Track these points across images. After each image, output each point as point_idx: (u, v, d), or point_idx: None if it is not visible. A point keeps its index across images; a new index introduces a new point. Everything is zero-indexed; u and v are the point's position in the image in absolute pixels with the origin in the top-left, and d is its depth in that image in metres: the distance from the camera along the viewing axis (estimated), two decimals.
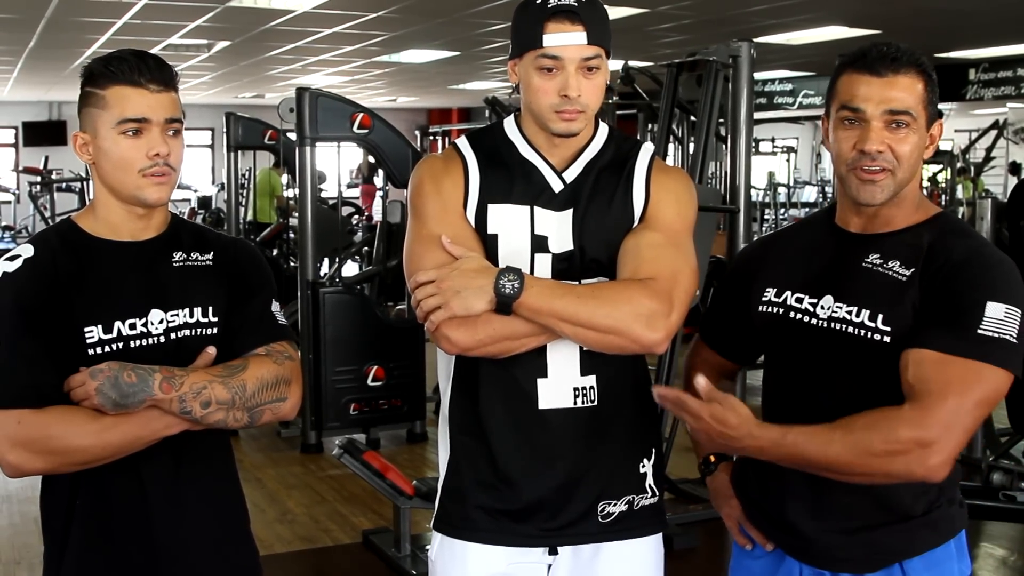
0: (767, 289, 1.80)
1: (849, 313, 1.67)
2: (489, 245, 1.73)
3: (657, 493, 1.83)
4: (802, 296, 1.74)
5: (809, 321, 1.72)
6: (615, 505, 1.77)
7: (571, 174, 1.77)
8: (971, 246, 1.64)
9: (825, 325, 1.70)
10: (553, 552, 1.78)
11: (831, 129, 1.70)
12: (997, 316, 1.56)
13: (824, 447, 1.56)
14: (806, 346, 1.73)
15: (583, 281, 1.72)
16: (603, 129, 1.82)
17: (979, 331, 1.55)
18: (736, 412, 1.58)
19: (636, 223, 1.75)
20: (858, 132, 1.65)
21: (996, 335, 1.55)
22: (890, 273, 1.66)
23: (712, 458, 1.93)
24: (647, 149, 1.82)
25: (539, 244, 1.73)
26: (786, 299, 1.76)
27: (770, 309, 1.78)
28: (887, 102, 1.63)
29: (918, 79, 1.64)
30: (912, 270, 1.64)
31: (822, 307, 1.71)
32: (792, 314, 1.75)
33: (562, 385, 1.73)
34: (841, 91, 1.68)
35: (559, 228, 1.74)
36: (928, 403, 1.53)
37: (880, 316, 1.63)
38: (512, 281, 1.61)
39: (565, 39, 1.66)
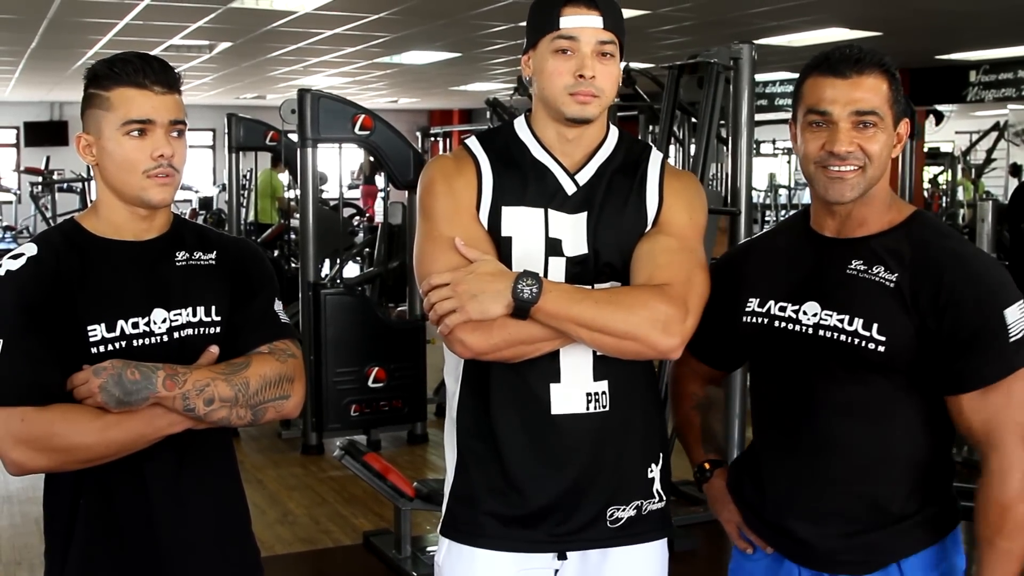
0: (750, 300, 1.79)
1: (840, 321, 1.66)
2: (503, 248, 1.71)
3: (664, 498, 1.82)
4: (785, 305, 1.74)
5: (794, 329, 1.71)
6: (624, 510, 1.76)
7: (584, 176, 1.76)
8: (954, 255, 1.63)
9: (811, 332, 1.69)
10: (562, 557, 1.78)
11: (799, 133, 1.70)
12: (1017, 317, 1.58)
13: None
14: (793, 354, 1.72)
15: (596, 285, 1.71)
16: (614, 131, 1.81)
17: (1011, 341, 1.58)
18: None
19: (649, 227, 1.75)
20: (826, 134, 1.65)
21: None
22: (876, 279, 1.65)
23: (707, 465, 1.93)
24: (657, 152, 1.82)
25: (553, 247, 1.72)
26: (769, 308, 1.76)
27: (755, 320, 1.78)
28: (853, 103, 1.63)
29: (882, 79, 1.64)
30: (897, 275, 1.63)
31: (805, 313, 1.70)
32: (777, 323, 1.74)
33: (575, 390, 1.71)
34: (807, 95, 1.67)
35: (573, 231, 1.73)
36: (1002, 446, 1.59)
37: (875, 326, 1.63)
38: (531, 286, 1.59)
39: (582, 21, 1.67)
